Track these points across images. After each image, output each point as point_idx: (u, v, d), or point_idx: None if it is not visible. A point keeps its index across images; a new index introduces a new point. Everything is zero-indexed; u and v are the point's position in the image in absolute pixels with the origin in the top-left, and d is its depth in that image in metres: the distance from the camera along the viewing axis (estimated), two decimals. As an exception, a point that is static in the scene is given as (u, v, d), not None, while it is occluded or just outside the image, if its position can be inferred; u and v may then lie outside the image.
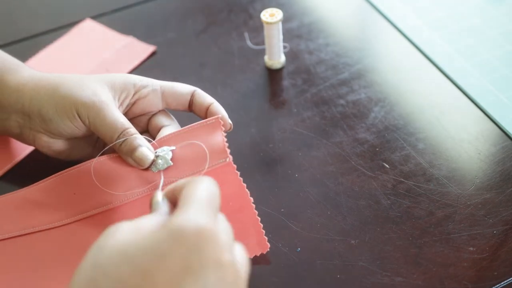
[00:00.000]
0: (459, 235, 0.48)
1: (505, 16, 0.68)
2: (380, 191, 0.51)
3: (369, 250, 0.47)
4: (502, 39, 0.65)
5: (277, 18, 0.59)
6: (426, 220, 0.49)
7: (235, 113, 0.59)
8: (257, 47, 0.67)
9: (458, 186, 0.51)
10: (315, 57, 0.65)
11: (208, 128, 0.50)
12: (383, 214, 0.50)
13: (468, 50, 0.65)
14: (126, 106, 0.51)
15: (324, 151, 0.55)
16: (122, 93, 0.51)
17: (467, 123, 0.57)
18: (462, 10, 0.70)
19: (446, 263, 0.46)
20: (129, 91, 0.51)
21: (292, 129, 0.58)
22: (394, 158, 0.54)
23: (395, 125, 0.57)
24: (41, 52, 0.68)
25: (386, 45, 0.68)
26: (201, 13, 0.73)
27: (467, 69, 0.62)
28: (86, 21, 0.72)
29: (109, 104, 0.49)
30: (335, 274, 0.46)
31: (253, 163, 0.55)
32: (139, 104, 0.52)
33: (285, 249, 0.48)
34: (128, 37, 0.69)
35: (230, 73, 0.65)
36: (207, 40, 0.69)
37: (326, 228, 0.49)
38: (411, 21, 0.69)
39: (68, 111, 0.48)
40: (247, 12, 0.72)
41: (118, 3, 0.75)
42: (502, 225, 0.48)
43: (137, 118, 0.53)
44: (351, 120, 0.58)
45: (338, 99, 0.60)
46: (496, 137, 0.55)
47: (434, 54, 0.64)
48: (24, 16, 0.75)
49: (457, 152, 0.54)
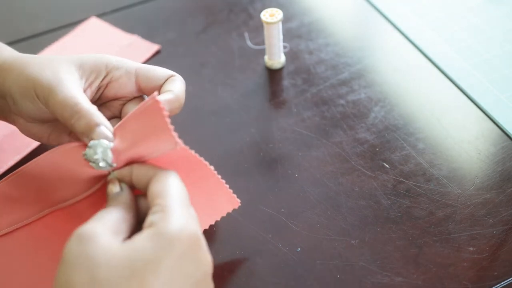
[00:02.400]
0: (459, 235, 0.48)
1: (505, 16, 0.68)
2: (380, 191, 0.51)
3: (369, 250, 0.47)
4: (502, 39, 0.65)
5: (277, 18, 0.59)
6: (426, 220, 0.49)
7: (235, 113, 0.59)
8: (257, 47, 0.67)
9: (458, 186, 0.51)
10: (315, 57, 0.65)
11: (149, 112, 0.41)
12: (383, 214, 0.50)
13: (468, 50, 0.65)
14: (97, 88, 0.48)
15: (324, 151, 0.55)
16: (92, 74, 0.47)
17: (467, 123, 0.57)
18: (462, 10, 0.70)
19: (446, 263, 0.46)
20: (99, 71, 0.47)
21: (292, 129, 0.58)
22: (394, 158, 0.54)
23: (395, 125, 0.57)
24: (46, 49, 0.68)
25: (386, 45, 0.68)
26: (201, 13, 0.73)
27: (467, 69, 0.62)
28: (91, 19, 0.72)
29: (65, 83, 0.44)
30: (335, 274, 0.46)
31: (253, 163, 0.55)
32: (111, 87, 0.48)
33: (285, 249, 0.48)
34: (132, 36, 0.69)
35: (230, 73, 0.65)
36: (207, 40, 0.69)
37: (326, 228, 0.49)
38: (411, 21, 0.69)
39: (28, 92, 0.46)
40: (247, 12, 0.72)
41: (118, 3, 0.75)
42: (502, 225, 0.48)
43: (110, 102, 0.50)
44: (351, 120, 0.58)
45: (338, 99, 0.60)
46: (496, 137, 0.55)
47: (434, 54, 0.64)
48: (25, 16, 0.75)
49: (457, 152, 0.54)
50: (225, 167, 0.49)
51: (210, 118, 0.59)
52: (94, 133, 0.42)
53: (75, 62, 0.47)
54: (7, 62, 0.48)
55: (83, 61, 0.47)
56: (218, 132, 0.58)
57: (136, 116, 0.42)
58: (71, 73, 0.46)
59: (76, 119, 0.43)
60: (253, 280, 0.46)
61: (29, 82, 0.45)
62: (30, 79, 0.45)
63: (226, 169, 0.48)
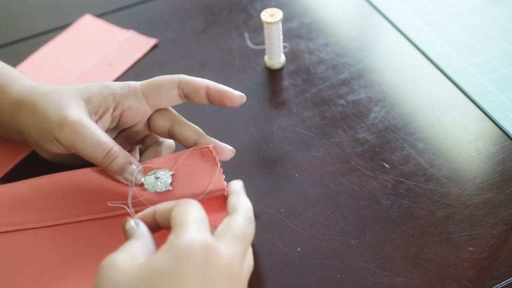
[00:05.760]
0: (459, 235, 0.48)
1: (505, 16, 0.68)
2: (380, 191, 0.51)
3: (369, 250, 0.47)
4: (502, 39, 0.65)
5: (277, 18, 0.59)
6: (426, 220, 0.49)
7: (235, 113, 0.59)
8: (257, 47, 0.67)
9: (458, 186, 0.51)
10: (315, 57, 0.65)
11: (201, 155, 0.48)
12: (383, 214, 0.50)
13: (468, 50, 0.65)
14: (110, 119, 0.49)
15: (324, 151, 0.55)
16: (101, 106, 0.48)
17: (467, 123, 0.57)
18: (462, 10, 0.70)
19: (446, 263, 0.46)
20: (108, 103, 0.48)
21: (292, 129, 0.58)
22: (394, 158, 0.54)
23: (395, 125, 0.57)
24: (42, 48, 0.68)
25: (386, 45, 0.68)
26: (201, 13, 0.73)
27: (467, 69, 0.62)
28: (85, 17, 0.72)
29: (85, 125, 0.46)
30: (335, 274, 0.46)
31: (253, 163, 0.55)
32: (126, 116, 0.49)
33: (285, 249, 0.48)
34: (128, 31, 0.69)
35: (230, 73, 0.65)
36: (207, 40, 0.69)
37: (326, 228, 0.49)
38: (411, 21, 0.69)
39: (46, 136, 0.47)
40: (247, 12, 0.72)
41: (118, 2, 0.75)
42: (502, 225, 0.48)
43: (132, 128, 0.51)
44: (351, 120, 0.58)
45: (338, 99, 0.60)
46: (496, 137, 0.55)
47: (434, 54, 0.64)
48: (24, 16, 0.75)
49: (457, 152, 0.54)
50: (225, 167, 0.49)
51: (210, 118, 0.59)
52: (126, 172, 0.47)
53: (83, 96, 0.48)
54: (19, 101, 0.49)
55: (90, 94, 0.48)
56: (218, 132, 0.58)
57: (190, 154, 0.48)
58: (82, 111, 0.47)
59: (110, 163, 0.46)
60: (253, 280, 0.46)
61: (44, 125, 0.47)
62: (44, 123, 0.46)
63: (226, 169, 0.48)
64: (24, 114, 0.48)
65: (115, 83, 0.49)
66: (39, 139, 0.48)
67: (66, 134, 0.46)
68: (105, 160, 0.46)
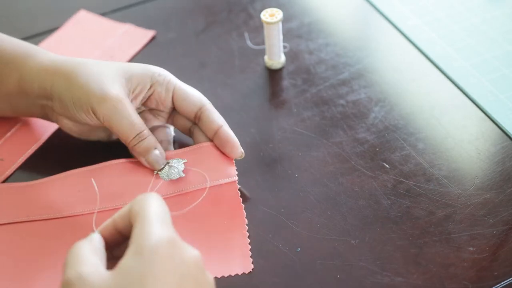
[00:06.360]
0: (459, 235, 0.48)
1: (505, 16, 0.68)
2: (380, 191, 0.51)
3: (369, 250, 0.47)
4: (502, 39, 0.65)
5: (277, 18, 0.59)
6: (426, 220, 0.49)
7: (235, 113, 0.59)
8: (257, 47, 0.67)
9: (458, 186, 0.51)
10: (315, 57, 0.65)
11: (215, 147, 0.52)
12: (383, 214, 0.50)
13: (468, 50, 0.65)
14: (141, 99, 0.51)
15: (324, 151, 0.55)
16: (138, 86, 0.50)
17: (467, 123, 0.57)
18: (462, 10, 0.70)
19: (446, 263, 0.46)
20: (144, 85, 0.51)
21: (292, 129, 0.58)
22: (394, 158, 0.54)
23: (395, 125, 0.57)
24: (40, 44, 0.68)
25: (386, 45, 0.68)
26: (201, 13, 0.73)
27: (467, 69, 0.62)
28: (80, 12, 0.72)
29: (125, 104, 0.48)
30: (335, 274, 0.46)
31: (253, 163, 0.55)
32: (152, 100, 0.52)
33: (285, 249, 0.48)
34: (126, 25, 0.70)
35: (230, 73, 0.65)
36: (207, 40, 0.69)
37: (326, 228, 0.49)
38: (411, 21, 0.69)
39: (83, 106, 0.48)
40: (247, 12, 0.72)
41: (118, 2, 0.75)
42: (502, 225, 0.48)
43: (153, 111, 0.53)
44: (351, 120, 0.58)
45: (338, 99, 0.60)
46: (496, 137, 0.55)
47: (434, 54, 0.64)
48: (24, 16, 0.75)
49: (457, 152, 0.54)
50: (225, 167, 0.49)
51: (210, 118, 0.59)
52: (151, 155, 0.49)
53: (125, 75, 0.50)
54: (52, 66, 0.50)
55: (132, 73, 0.50)
56: (218, 132, 0.58)
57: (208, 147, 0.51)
58: (122, 88, 0.49)
59: (137, 143, 0.49)
60: (253, 280, 0.46)
61: (83, 94, 0.48)
62: (84, 92, 0.48)
63: (226, 169, 0.49)
64: (58, 80, 0.49)
65: (154, 67, 0.52)
66: (71, 106, 0.49)
67: (105, 109, 0.48)
68: (134, 140, 0.48)
